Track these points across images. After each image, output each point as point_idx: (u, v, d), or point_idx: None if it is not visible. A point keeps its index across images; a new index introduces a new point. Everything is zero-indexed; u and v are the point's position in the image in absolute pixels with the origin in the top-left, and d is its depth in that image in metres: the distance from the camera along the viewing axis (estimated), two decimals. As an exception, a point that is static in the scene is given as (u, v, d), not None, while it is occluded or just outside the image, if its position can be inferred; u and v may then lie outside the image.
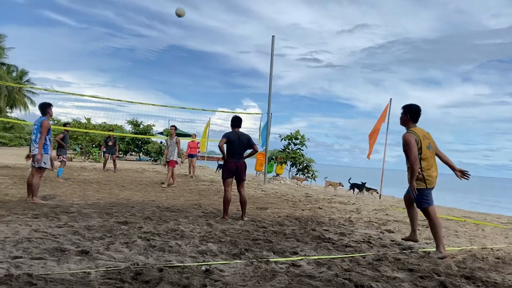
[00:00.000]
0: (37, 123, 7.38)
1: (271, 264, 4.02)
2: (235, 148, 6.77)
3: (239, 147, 6.81)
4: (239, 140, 6.80)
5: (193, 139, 17.61)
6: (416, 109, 5.13)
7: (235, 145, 6.76)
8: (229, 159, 6.78)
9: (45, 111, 7.53)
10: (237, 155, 6.83)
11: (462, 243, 6.01)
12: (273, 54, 15.44)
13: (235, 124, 6.96)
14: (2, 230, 4.72)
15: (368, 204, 10.91)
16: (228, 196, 6.81)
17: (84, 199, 8.02)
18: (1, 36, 44.65)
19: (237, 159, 6.81)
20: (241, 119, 7.04)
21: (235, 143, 6.76)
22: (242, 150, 6.89)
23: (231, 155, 6.78)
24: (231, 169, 6.79)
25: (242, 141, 6.84)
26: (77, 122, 29.64)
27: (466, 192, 34.83)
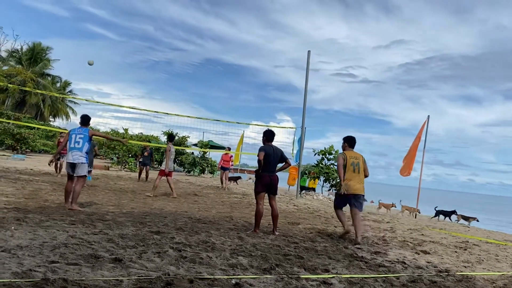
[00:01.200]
0: (83, 133, 7.53)
1: (301, 280, 3.96)
2: (270, 162, 6.78)
3: (274, 161, 6.83)
4: (274, 154, 6.81)
5: (227, 152, 17.48)
6: (350, 138, 7.20)
7: (270, 158, 6.77)
8: (264, 172, 6.79)
9: (89, 122, 7.82)
10: (272, 168, 6.83)
11: (503, 267, 5.73)
12: (309, 68, 15.44)
13: (269, 138, 6.97)
14: (41, 235, 4.88)
15: (403, 223, 10.62)
16: (260, 210, 6.80)
17: (119, 208, 8.19)
18: (48, 48, 46.80)
19: (271, 173, 6.81)
20: (275, 133, 7.06)
21: (270, 157, 6.77)
22: (276, 163, 6.91)
23: (266, 168, 6.79)
24: (265, 183, 6.79)
25: (277, 154, 6.85)
26: (115, 132, 30.48)
27: (507, 215, 33.36)
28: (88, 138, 7.52)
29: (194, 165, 27.98)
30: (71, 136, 7.51)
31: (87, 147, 7.50)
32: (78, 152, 7.42)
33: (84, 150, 7.45)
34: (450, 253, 6.52)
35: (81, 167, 7.44)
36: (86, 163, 7.52)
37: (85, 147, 7.46)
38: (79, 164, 7.43)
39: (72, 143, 7.46)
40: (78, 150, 7.42)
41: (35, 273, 3.38)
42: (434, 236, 8.41)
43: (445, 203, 47.90)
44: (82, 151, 7.43)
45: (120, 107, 16.29)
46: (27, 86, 34.88)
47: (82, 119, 7.79)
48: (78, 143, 7.45)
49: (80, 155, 7.41)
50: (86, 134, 7.50)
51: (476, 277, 4.85)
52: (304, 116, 15.71)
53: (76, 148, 7.44)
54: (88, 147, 7.54)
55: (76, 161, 7.40)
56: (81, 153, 7.42)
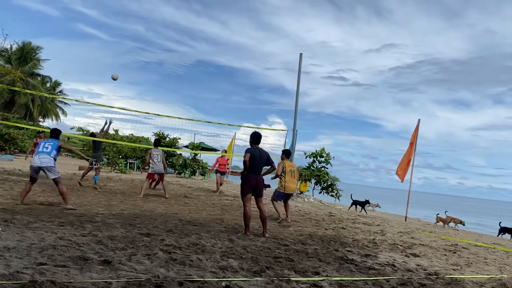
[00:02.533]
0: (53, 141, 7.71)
1: (292, 283, 3.95)
2: (256, 164, 6.78)
3: (260, 163, 6.83)
4: (260, 156, 6.81)
5: (223, 155, 16.78)
6: (287, 151, 9.39)
7: (257, 161, 6.76)
8: (249, 174, 6.77)
9: (58, 136, 8.05)
10: (257, 170, 6.83)
11: (492, 271, 5.78)
12: (301, 71, 15.48)
13: (255, 141, 6.97)
14: (29, 236, 4.82)
15: (393, 226, 10.67)
16: (248, 212, 6.78)
17: (109, 209, 8.13)
18: (38, 48, 46.43)
19: (256, 175, 6.80)
20: (261, 135, 7.07)
21: (257, 159, 6.76)
22: (262, 166, 6.92)
23: (252, 171, 6.78)
24: (251, 185, 6.78)
25: (263, 157, 6.85)
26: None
27: (497, 218, 33.69)
28: (57, 146, 7.67)
29: (185, 167, 27.87)
30: (40, 144, 7.71)
31: (55, 154, 7.58)
32: (46, 156, 7.47)
33: (52, 155, 7.53)
34: (439, 256, 6.56)
35: (51, 171, 7.49)
36: (54, 167, 7.55)
37: (53, 153, 7.54)
38: (48, 168, 7.47)
39: (41, 148, 7.57)
40: (47, 154, 7.49)
41: (22, 275, 3.34)
42: (424, 239, 8.46)
43: (434, 205, 48.38)
44: (50, 155, 7.51)
45: (110, 107, 16.12)
46: (16, 86, 34.53)
47: (52, 132, 8.03)
48: (47, 148, 7.55)
49: (48, 159, 7.47)
50: (55, 143, 7.70)
51: (465, 280, 4.89)
52: (295, 118, 15.73)
53: (44, 152, 7.51)
54: (56, 154, 7.62)
55: (44, 165, 7.43)
56: (49, 157, 7.48)
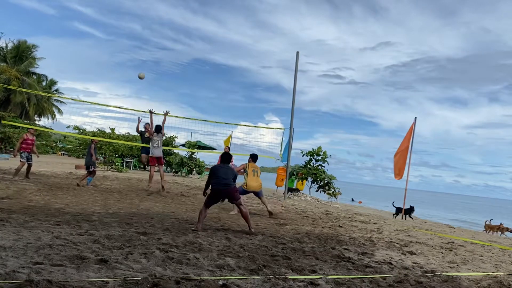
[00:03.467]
0: None
1: (289, 281, 3.96)
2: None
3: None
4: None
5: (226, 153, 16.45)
6: (255, 155, 9.96)
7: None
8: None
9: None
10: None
11: (488, 268, 5.80)
12: (297, 69, 15.49)
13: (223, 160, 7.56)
14: (25, 235, 4.80)
15: (390, 224, 10.70)
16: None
17: (105, 208, 8.11)
18: (33, 46, 46.23)
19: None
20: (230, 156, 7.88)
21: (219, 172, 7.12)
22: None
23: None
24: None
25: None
26: (102, 132, 30.19)
27: (493, 216, 33.85)
28: None
29: (182, 165, 27.85)
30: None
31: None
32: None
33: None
34: (436, 253, 6.58)
35: None
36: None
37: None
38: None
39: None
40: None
41: (18, 274, 3.32)
42: (421, 237, 8.49)
43: (429, 203, 48.61)
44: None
45: (107, 106, 16.06)
46: (12, 84, 34.35)
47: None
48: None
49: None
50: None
51: (461, 278, 4.90)
52: (292, 117, 15.75)
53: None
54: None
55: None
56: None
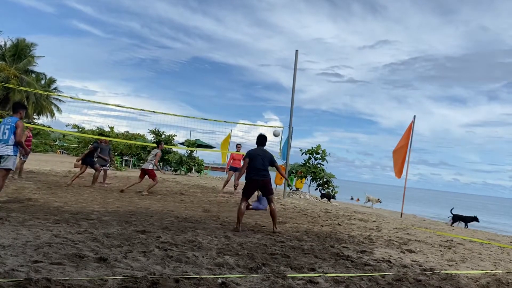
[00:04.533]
0: (11, 123, 7.08)
1: (288, 279, 3.96)
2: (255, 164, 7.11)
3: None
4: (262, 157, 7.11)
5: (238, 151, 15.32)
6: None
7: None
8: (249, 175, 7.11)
9: (18, 111, 7.36)
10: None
11: (486, 266, 5.82)
12: (296, 68, 15.48)
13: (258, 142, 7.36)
14: (24, 234, 4.80)
15: (389, 222, 10.72)
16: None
17: (104, 207, 8.11)
18: (32, 44, 46.06)
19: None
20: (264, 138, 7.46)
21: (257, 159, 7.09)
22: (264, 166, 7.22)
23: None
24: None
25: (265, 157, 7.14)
26: (101, 130, 30.16)
27: (491, 214, 33.85)
28: (14, 129, 7.06)
29: (181, 164, 27.83)
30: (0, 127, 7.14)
31: (13, 140, 7.05)
32: (3, 144, 7.01)
33: (10, 142, 7.03)
34: (435, 251, 6.59)
35: (7, 159, 7.03)
36: (13, 155, 7.10)
37: (11, 139, 7.04)
38: (5, 157, 7.01)
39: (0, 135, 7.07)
40: (3, 142, 7.02)
41: (18, 273, 3.32)
42: (420, 235, 8.50)
43: (430, 201, 48.67)
44: (8, 142, 7.02)
45: (106, 105, 16.05)
46: (11, 83, 34.30)
47: (13, 107, 7.53)
48: (5, 134, 7.03)
49: (5, 147, 7.01)
50: (13, 125, 7.06)
51: (460, 276, 4.91)
52: (291, 115, 15.73)
53: (2, 139, 7.03)
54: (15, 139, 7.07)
55: (1, 153, 6.99)
56: (6, 145, 7.01)
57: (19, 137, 7.05)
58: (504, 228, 18.68)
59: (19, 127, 7.05)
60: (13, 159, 7.11)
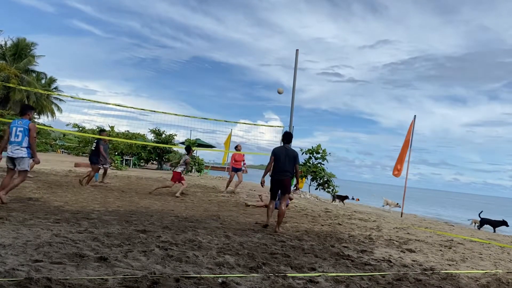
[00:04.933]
0: (23, 126, 7.20)
1: (288, 279, 3.96)
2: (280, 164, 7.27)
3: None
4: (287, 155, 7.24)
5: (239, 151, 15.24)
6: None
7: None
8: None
9: (26, 112, 7.47)
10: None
11: (487, 266, 5.82)
12: (297, 67, 15.47)
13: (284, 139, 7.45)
14: (24, 233, 4.80)
15: (389, 222, 10.71)
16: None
17: (105, 206, 8.11)
18: (32, 44, 46.07)
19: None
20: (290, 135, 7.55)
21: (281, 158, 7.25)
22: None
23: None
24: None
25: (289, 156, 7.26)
26: (101, 128, 30.17)
27: (490, 214, 33.80)
28: (27, 131, 7.18)
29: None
30: (12, 129, 7.21)
31: (27, 141, 7.18)
32: (17, 146, 7.12)
33: (24, 144, 7.15)
34: (435, 251, 6.59)
35: (22, 161, 7.16)
36: (27, 157, 7.21)
37: (25, 141, 7.15)
38: (19, 159, 7.15)
39: (13, 137, 7.17)
40: (17, 143, 7.12)
41: (18, 272, 3.33)
42: (420, 234, 8.50)
43: (428, 201, 48.60)
44: (22, 144, 7.13)
45: (106, 104, 16.09)
46: (11, 82, 34.29)
47: (21, 109, 7.62)
48: (18, 137, 7.13)
49: (19, 149, 7.12)
50: (26, 128, 7.18)
51: (460, 275, 4.92)
52: (292, 115, 15.72)
53: (16, 141, 7.13)
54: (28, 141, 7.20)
55: (16, 155, 7.13)
56: (20, 147, 7.12)
57: (32, 140, 7.21)
58: (503, 228, 18.64)
59: (32, 130, 7.21)
60: (27, 161, 7.25)
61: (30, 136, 7.17)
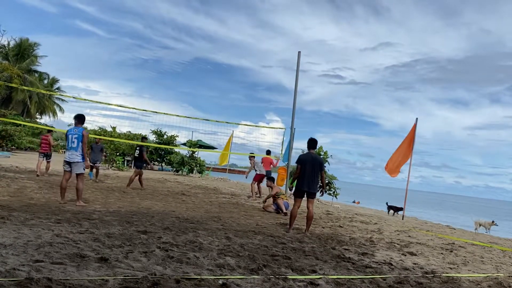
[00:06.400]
0: (78, 133, 7.93)
1: (288, 281, 3.96)
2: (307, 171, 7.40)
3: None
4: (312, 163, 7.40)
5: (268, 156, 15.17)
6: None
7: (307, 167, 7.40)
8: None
9: (83, 121, 8.25)
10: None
11: (488, 269, 5.80)
12: (299, 69, 15.48)
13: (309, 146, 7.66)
14: (25, 233, 4.81)
15: (391, 225, 10.69)
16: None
17: (106, 207, 8.11)
18: (35, 44, 46.21)
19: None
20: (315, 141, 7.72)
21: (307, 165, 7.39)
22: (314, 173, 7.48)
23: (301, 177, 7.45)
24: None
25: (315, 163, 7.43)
26: (103, 130, 30.24)
27: (492, 218, 33.72)
28: (82, 138, 7.91)
29: (183, 164, 27.85)
30: (68, 136, 7.97)
31: (81, 147, 7.92)
32: (73, 152, 7.88)
33: (79, 150, 7.90)
34: (436, 254, 6.58)
35: (77, 165, 7.91)
36: (82, 162, 7.94)
37: (79, 147, 7.90)
38: (75, 163, 7.89)
39: (69, 143, 7.93)
40: (74, 149, 7.89)
41: (19, 272, 3.33)
42: (421, 237, 8.48)
43: (430, 204, 48.57)
44: (77, 150, 7.89)
45: (108, 105, 16.04)
46: (14, 82, 34.36)
47: (78, 118, 8.20)
48: (74, 143, 7.89)
49: (76, 155, 7.87)
50: (80, 135, 7.91)
51: (461, 279, 4.90)
52: (293, 117, 15.73)
53: (72, 147, 7.87)
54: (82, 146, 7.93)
55: (72, 160, 7.87)
56: (77, 153, 7.89)
57: (85, 145, 7.99)
58: (501, 231, 18.62)
59: (85, 136, 7.97)
60: (82, 165, 8.00)
61: (83, 142, 7.92)
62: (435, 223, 15.78)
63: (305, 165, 7.29)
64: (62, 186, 8.04)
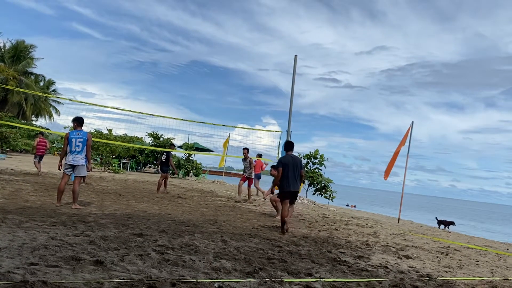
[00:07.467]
0: (82, 137, 8.07)
1: (285, 284, 3.96)
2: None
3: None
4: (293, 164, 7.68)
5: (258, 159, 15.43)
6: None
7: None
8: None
9: (83, 123, 8.32)
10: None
11: (483, 273, 5.82)
12: (295, 73, 15.51)
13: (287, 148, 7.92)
14: (20, 236, 4.78)
15: (386, 228, 10.71)
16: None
17: (102, 209, 8.09)
18: (31, 46, 46.06)
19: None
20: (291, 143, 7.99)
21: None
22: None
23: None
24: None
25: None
26: (99, 132, 30.16)
27: (487, 221, 33.87)
28: (86, 142, 8.10)
29: (179, 167, 27.81)
30: (71, 140, 8.04)
31: (85, 151, 8.10)
32: (78, 155, 8.05)
33: (83, 153, 8.08)
34: (431, 258, 6.59)
35: (81, 168, 8.07)
36: (86, 165, 8.13)
37: (84, 151, 8.09)
38: (79, 166, 8.05)
39: (73, 147, 8.04)
40: (78, 153, 8.05)
41: (13, 275, 3.31)
42: (417, 241, 8.50)
43: (426, 207, 48.70)
44: (82, 153, 8.08)
45: (104, 107, 16.03)
46: (9, 84, 34.25)
47: (78, 121, 8.26)
48: (78, 147, 8.04)
49: (80, 158, 8.06)
50: (85, 138, 8.09)
51: (456, 282, 4.92)
52: (290, 120, 15.76)
53: (76, 151, 8.04)
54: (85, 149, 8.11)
55: (76, 163, 8.02)
56: (81, 156, 8.08)
57: (89, 148, 8.14)
58: (494, 232, 18.70)
59: (89, 139, 8.15)
60: (85, 168, 8.16)
61: (87, 145, 8.10)
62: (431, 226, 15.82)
63: (287, 167, 7.53)
64: (60, 189, 8.06)
